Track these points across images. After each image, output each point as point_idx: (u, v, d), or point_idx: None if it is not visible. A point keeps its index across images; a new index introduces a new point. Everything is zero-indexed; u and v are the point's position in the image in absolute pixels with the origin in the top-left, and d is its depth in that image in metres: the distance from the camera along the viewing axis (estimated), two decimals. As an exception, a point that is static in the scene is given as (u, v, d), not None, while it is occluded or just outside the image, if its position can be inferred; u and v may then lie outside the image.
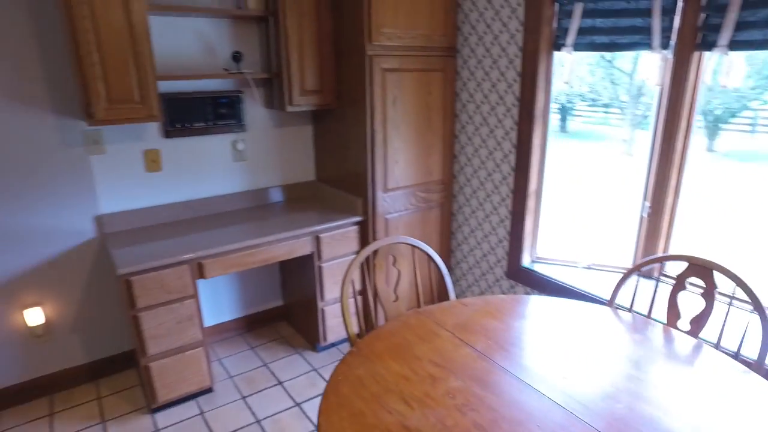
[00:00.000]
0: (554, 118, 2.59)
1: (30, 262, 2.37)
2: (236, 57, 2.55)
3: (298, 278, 2.90)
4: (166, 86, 2.48)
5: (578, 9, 2.19)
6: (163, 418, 2.36)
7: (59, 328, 2.52)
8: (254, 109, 2.78)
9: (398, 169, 2.67)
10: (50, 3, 2.17)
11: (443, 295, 2.97)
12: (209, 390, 2.52)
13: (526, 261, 2.66)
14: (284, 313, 3.22)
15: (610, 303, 1.90)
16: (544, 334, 1.61)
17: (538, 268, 2.60)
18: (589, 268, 2.54)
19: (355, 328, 2.34)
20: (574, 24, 2.22)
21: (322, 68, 2.61)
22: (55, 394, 2.56)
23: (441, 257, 3.00)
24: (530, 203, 2.56)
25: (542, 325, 1.67)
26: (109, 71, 2.08)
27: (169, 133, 2.52)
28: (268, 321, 3.17)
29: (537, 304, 1.82)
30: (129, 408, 2.44)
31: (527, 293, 2.65)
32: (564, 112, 3.69)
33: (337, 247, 2.65)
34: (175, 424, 2.31)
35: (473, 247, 2.93)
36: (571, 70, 2.29)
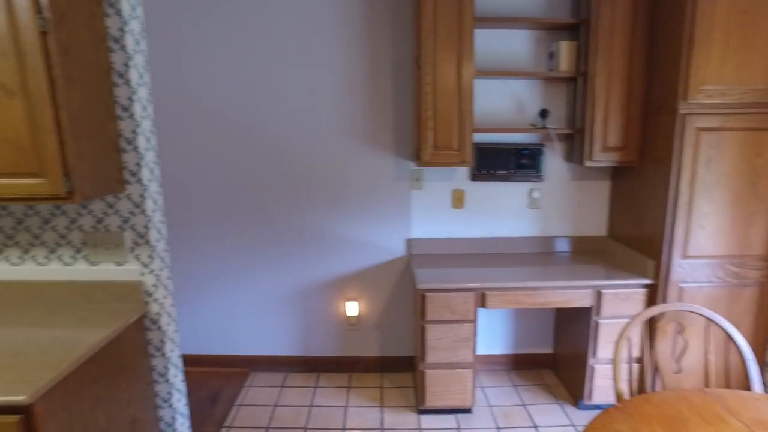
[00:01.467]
0: None
1: (357, 266, 3.08)
2: (543, 114, 2.79)
3: (571, 329, 2.88)
4: (478, 137, 2.89)
5: None
6: (426, 420, 2.68)
7: (366, 323, 3.16)
8: (553, 162, 2.96)
9: (704, 236, 2.42)
10: (406, 74, 2.85)
11: (743, 384, 2.49)
12: (468, 410, 2.74)
13: None
14: (551, 361, 3.22)
15: None
16: None
17: None
18: None
19: (624, 388, 2.18)
20: None
21: (626, 126, 2.61)
22: (353, 373, 3.21)
23: (754, 345, 2.52)
24: None
25: None
26: (438, 124, 2.59)
27: (475, 176, 2.92)
28: (534, 365, 3.22)
29: None
30: (402, 403, 2.86)
31: None
32: None
33: (619, 305, 2.55)
34: (435, 429, 2.60)
35: (800, 344, 2.37)
36: None
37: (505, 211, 3.02)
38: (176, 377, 2.11)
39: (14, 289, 1.97)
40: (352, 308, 3.11)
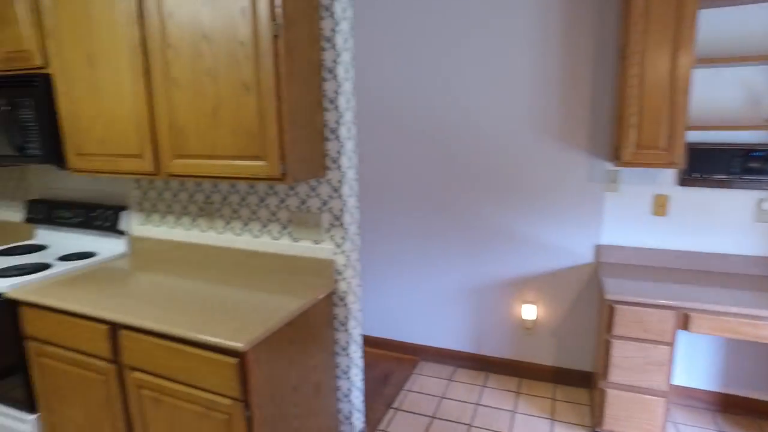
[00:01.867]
0: None
1: (537, 268, 2.94)
2: (786, 108, 2.29)
3: (805, 375, 2.33)
4: (692, 136, 2.51)
5: None
6: (606, 446, 2.44)
7: (542, 329, 3.00)
8: (794, 167, 2.42)
9: None
10: (607, 64, 2.60)
11: None
12: (658, 446, 2.41)
13: None
14: (772, 411, 2.65)
15: None
16: None
17: None
18: None
19: None
20: None
21: None
22: (523, 379, 3.07)
23: None
24: None
25: None
26: (643, 120, 2.32)
27: (684, 181, 2.54)
28: (752, 412, 2.68)
29: None
30: (575, 419, 2.64)
31: None
32: None
33: None
34: (617, 459, 2.35)
35: None
36: None
37: (721, 223, 2.56)
38: (356, 353, 2.27)
39: (235, 255, 2.34)
40: (529, 311, 2.98)
